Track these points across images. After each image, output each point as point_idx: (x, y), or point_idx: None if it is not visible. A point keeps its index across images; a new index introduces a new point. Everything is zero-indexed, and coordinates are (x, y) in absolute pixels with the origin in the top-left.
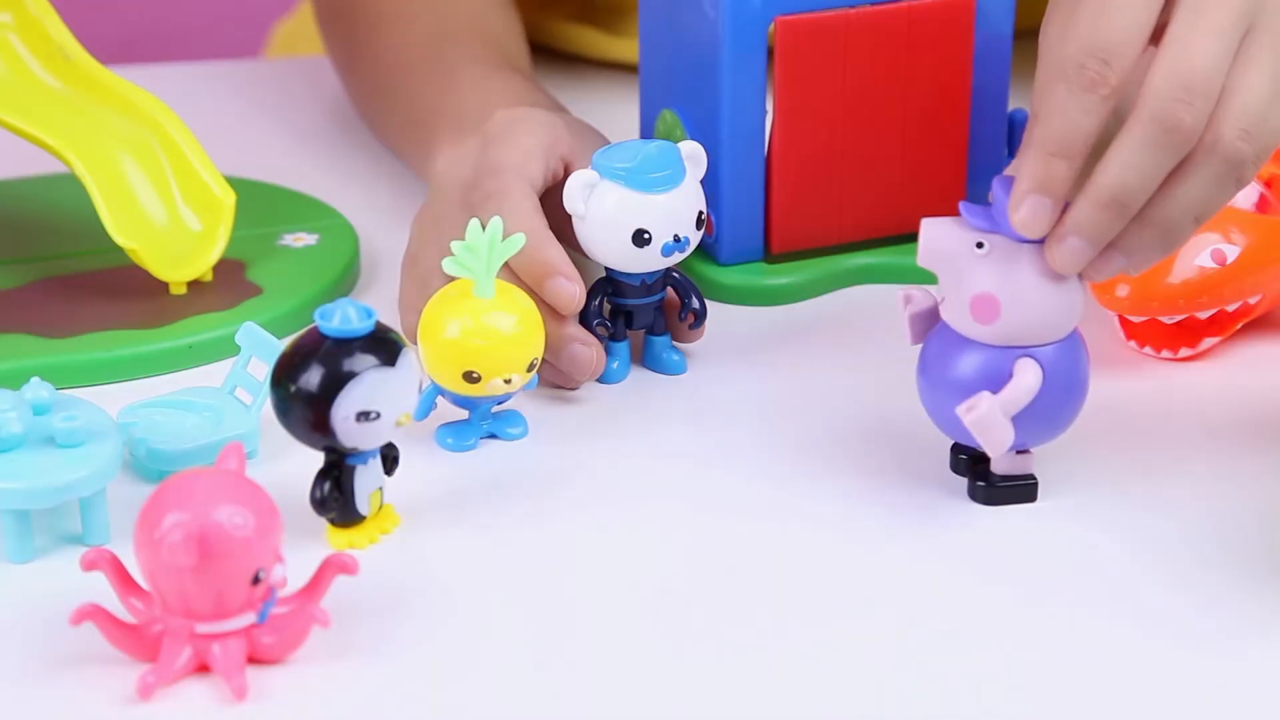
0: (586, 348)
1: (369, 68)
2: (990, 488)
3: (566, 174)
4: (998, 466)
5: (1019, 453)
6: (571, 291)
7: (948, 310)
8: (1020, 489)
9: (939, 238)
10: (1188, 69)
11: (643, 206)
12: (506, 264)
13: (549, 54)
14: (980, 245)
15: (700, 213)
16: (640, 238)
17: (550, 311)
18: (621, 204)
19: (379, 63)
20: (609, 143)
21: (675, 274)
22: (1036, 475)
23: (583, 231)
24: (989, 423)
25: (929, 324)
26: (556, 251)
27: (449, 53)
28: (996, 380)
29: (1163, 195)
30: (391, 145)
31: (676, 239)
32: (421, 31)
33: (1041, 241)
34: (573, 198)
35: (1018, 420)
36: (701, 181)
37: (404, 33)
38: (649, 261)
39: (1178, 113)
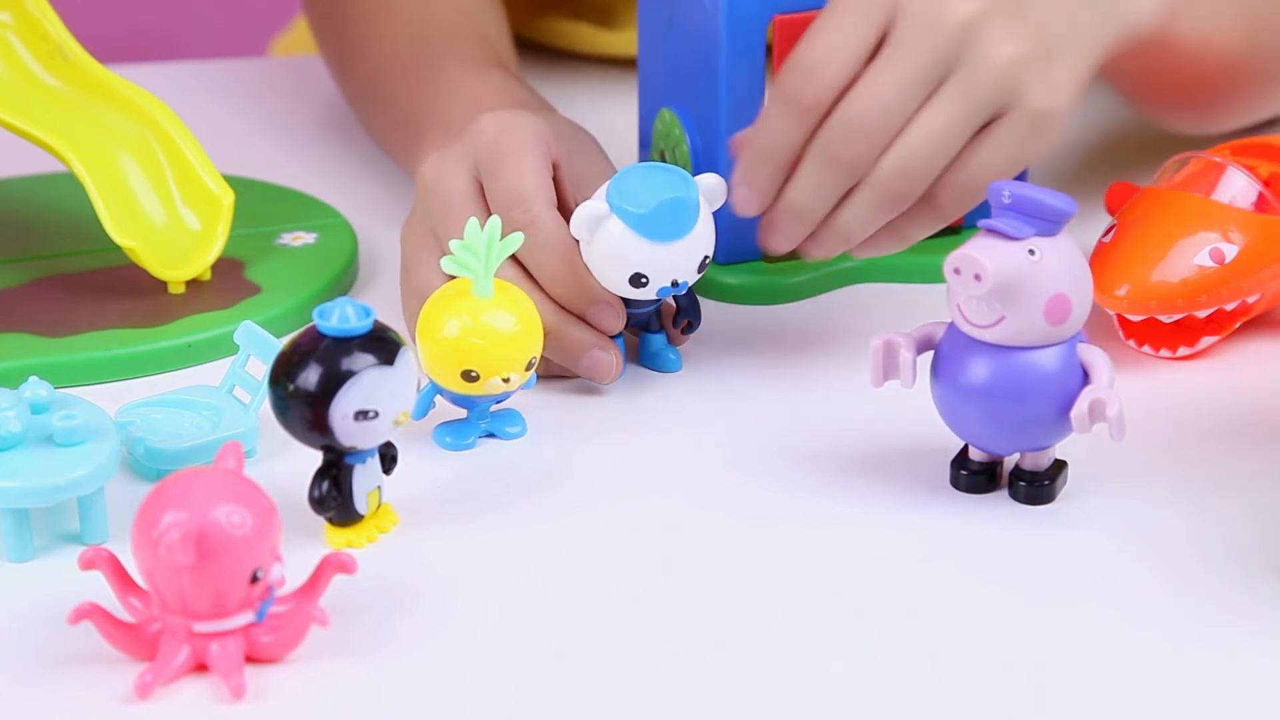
0: (605, 353)
1: (359, 70)
2: (1033, 486)
3: (556, 174)
4: (1025, 464)
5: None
6: (615, 314)
7: (1013, 323)
8: (1056, 479)
9: (1003, 259)
10: (860, 110)
11: (645, 253)
12: (541, 288)
13: (543, 51)
14: (1032, 252)
15: (705, 257)
16: (637, 280)
17: (566, 318)
18: (625, 245)
19: (368, 64)
20: (594, 140)
21: None
22: (1060, 458)
23: (586, 251)
24: (1122, 411)
25: (895, 362)
26: (594, 283)
27: (435, 51)
28: (1015, 380)
29: (836, 210)
30: (384, 147)
31: (674, 283)
32: (407, 30)
33: (1057, 232)
34: (579, 227)
35: (1038, 419)
36: None
37: (390, 32)
38: (642, 296)
39: (837, 147)
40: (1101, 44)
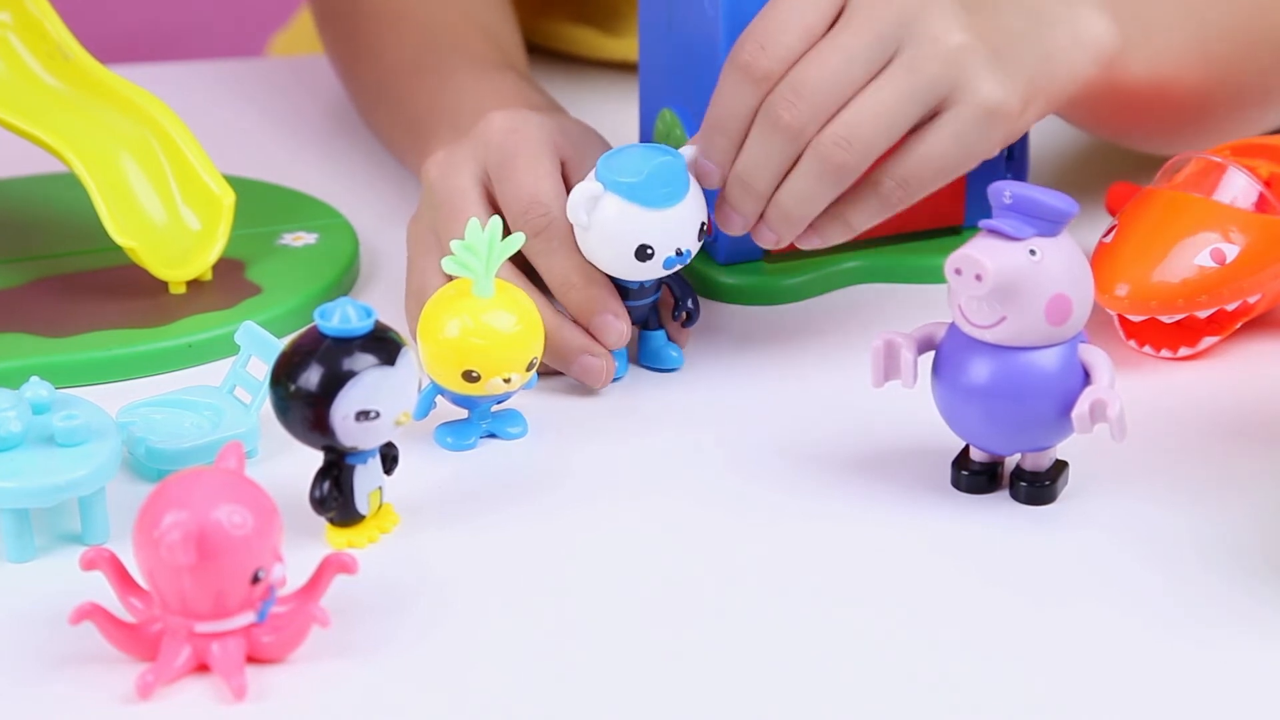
0: (596, 358)
1: (368, 71)
2: (1034, 487)
3: (563, 172)
4: (1026, 464)
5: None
6: (621, 329)
7: (1014, 323)
8: (1057, 479)
9: (1004, 260)
10: (805, 76)
11: (646, 222)
12: (542, 290)
13: (547, 55)
14: (1033, 253)
15: (702, 224)
16: (643, 253)
17: (562, 320)
18: (625, 219)
19: (377, 65)
20: (602, 140)
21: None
22: (1061, 458)
23: (584, 240)
24: (1123, 411)
25: (896, 362)
26: (604, 290)
27: (444, 52)
28: (1015, 380)
29: (780, 185)
30: (392, 149)
31: (679, 252)
32: (417, 31)
33: (1058, 232)
34: (576, 209)
35: (1039, 419)
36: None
37: (400, 33)
38: (650, 272)
39: (779, 109)
40: (1041, 81)
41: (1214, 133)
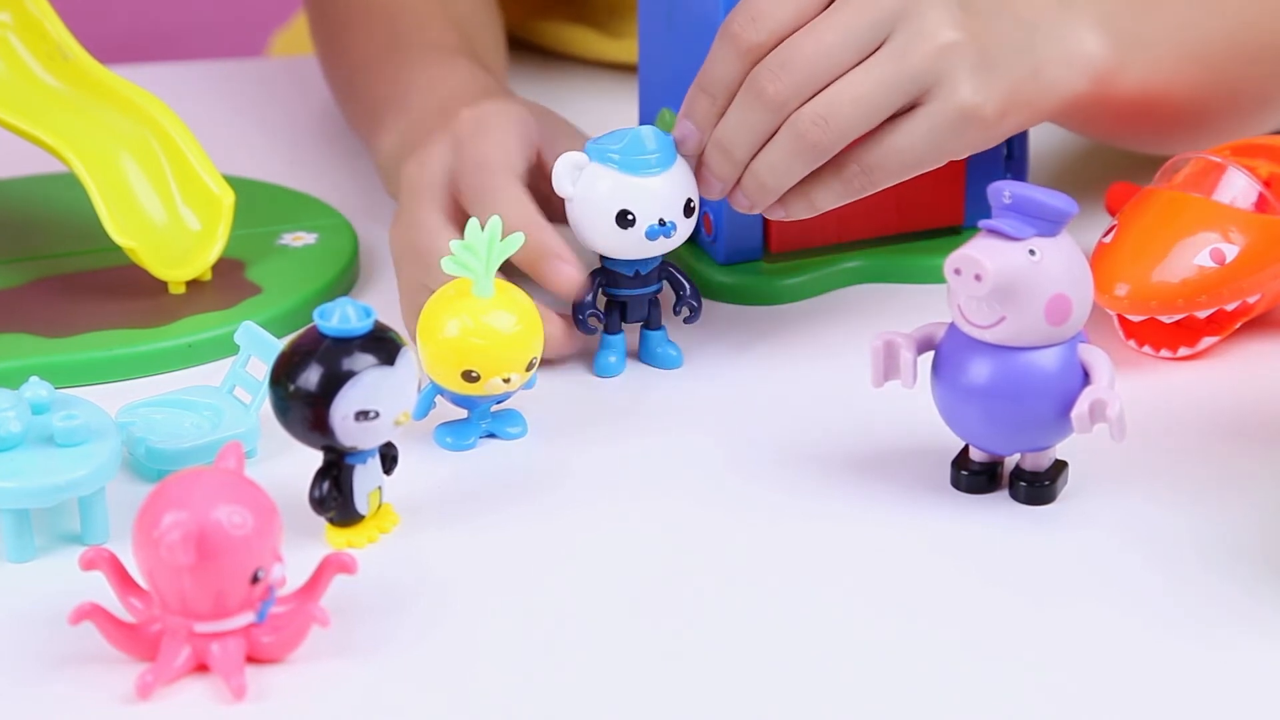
0: (569, 265)
1: (341, 63)
2: (1033, 487)
3: (539, 160)
4: (1026, 464)
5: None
6: (570, 274)
7: (1013, 323)
8: (1057, 479)
9: (1004, 260)
10: (792, 50)
11: (626, 188)
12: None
13: (547, 55)
14: (1032, 253)
15: (689, 200)
16: (624, 218)
17: (540, 224)
18: (606, 183)
19: (347, 56)
20: (571, 126)
21: (671, 268)
22: (1061, 458)
23: (572, 214)
24: (1122, 411)
25: (896, 362)
26: (551, 236)
27: (402, 40)
28: (1015, 380)
29: (759, 153)
30: (358, 137)
31: (661, 223)
32: (384, 22)
33: (1058, 232)
34: (561, 179)
35: (1038, 419)
36: None
37: (370, 25)
38: (634, 245)
39: (763, 81)
40: (1025, 93)
41: (1210, 138)
